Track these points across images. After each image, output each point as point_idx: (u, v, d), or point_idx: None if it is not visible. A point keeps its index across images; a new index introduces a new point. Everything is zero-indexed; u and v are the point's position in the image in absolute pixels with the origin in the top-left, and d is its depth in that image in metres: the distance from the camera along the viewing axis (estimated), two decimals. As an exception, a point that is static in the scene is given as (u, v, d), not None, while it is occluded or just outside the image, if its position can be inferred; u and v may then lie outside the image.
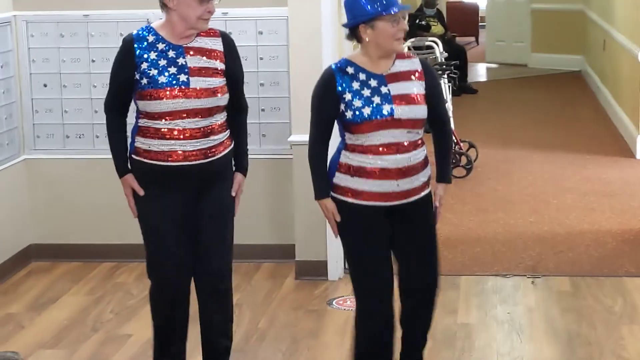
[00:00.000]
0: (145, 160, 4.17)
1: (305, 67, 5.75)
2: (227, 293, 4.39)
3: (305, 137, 5.68)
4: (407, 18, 4.12)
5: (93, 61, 6.13)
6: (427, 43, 10.29)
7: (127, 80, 4.15)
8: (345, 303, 5.52)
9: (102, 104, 5.95)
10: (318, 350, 4.96)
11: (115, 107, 4.24)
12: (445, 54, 9.97)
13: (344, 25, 4.09)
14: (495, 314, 5.39)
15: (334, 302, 5.57)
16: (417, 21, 12.09)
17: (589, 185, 7.94)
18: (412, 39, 10.42)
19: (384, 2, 3.93)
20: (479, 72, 14.78)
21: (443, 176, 4.22)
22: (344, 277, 5.90)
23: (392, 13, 3.93)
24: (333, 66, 4.09)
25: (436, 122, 4.17)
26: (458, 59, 10.96)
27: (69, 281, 5.98)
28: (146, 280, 5.79)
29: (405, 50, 5.85)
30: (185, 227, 4.23)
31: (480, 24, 16.95)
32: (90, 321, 5.38)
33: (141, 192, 4.19)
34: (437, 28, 12.31)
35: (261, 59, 5.99)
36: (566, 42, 13.99)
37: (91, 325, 5.32)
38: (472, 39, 17.34)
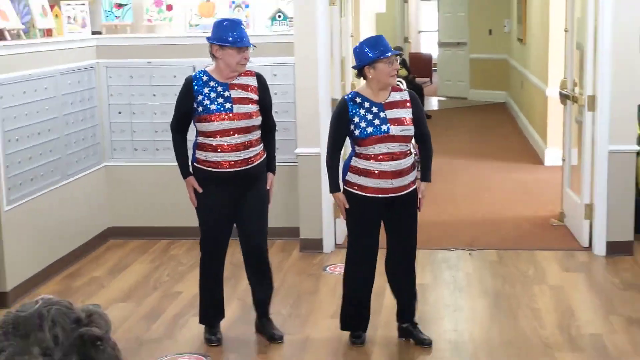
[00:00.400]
0: (204, 168, 4.19)
1: (306, 100, 5.76)
2: (266, 261, 4.40)
3: (306, 150, 5.79)
4: (398, 60, 4.14)
5: (154, 95, 6.13)
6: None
7: (187, 109, 4.18)
8: (336, 269, 5.50)
9: (161, 126, 6.09)
10: (315, 303, 4.96)
11: (179, 128, 4.27)
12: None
13: (353, 67, 4.14)
14: (443, 277, 5.39)
15: (327, 269, 5.55)
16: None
17: (511, 184, 7.93)
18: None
19: (382, 49, 3.98)
20: (432, 103, 14.73)
21: (425, 176, 4.25)
22: (334, 250, 5.89)
23: (387, 56, 3.98)
24: (346, 97, 4.15)
25: (421, 138, 4.19)
26: (417, 94, 10.90)
27: (136, 253, 5.97)
28: (193, 253, 5.93)
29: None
30: (229, 215, 4.25)
31: (433, 68, 16.93)
32: (151, 282, 5.37)
33: (200, 190, 4.21)
34: (402, 71, 12.20)
35: (275, 93, 5.88)
36: (494, 82, 13.95)
37: (152, 285, 5.32)
38: (428, 79, 17.29)
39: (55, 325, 1.25)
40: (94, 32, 6.14)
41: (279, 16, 6.05)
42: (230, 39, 4.07)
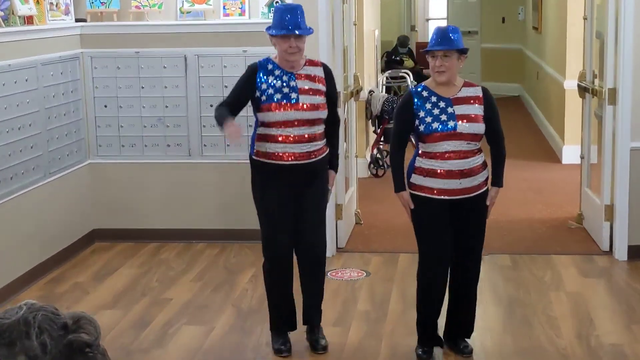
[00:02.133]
0: (264, 160, 4.18)
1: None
2: (323, 262, 4.38)
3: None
4: (450, 56, 3.97)
5: (142, 87, 6.12)
6: (401, 74, 10.34)
7: (245, 97, 4.19)
8: (337, 274, 5.51)
9: (149, 120, 6.14)
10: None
11: (227, 107, 4.17)
12: (415, 82, 10.01)
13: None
14: (453, 283, 5.37)
15: (328, 274, 5.48)
16: (393, 57, 12.12)
17: (525, 184, 7.90)
18: (390, 71, 10.46)
19: (434, 41, 3.99)
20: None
21: (496, 181, 4.19)
22: (336, 254, 5.89)
23: (429, 50, 3.99)
24: (412, 89, 4.14)
25: (492, 138, 4.15)
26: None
27: (124, 257, 5.95)
28: (184, 257, 5.96)
29: (384, 79, 5.63)
30: (291, 212, 4.21)
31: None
32: (140, 288, 5.36)
33: (236, 124, 4.08)
34: (409, 62, 12.32)
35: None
36: (508, 73, 13.99)
37: (141, 291, 5.31)
38: (436, 70, 17.33)
39: (42, 332, 1.24)
40: (77, 20, 6.11)
41: (277, 3, 6.05)
42: (275, 26, 4.10)
